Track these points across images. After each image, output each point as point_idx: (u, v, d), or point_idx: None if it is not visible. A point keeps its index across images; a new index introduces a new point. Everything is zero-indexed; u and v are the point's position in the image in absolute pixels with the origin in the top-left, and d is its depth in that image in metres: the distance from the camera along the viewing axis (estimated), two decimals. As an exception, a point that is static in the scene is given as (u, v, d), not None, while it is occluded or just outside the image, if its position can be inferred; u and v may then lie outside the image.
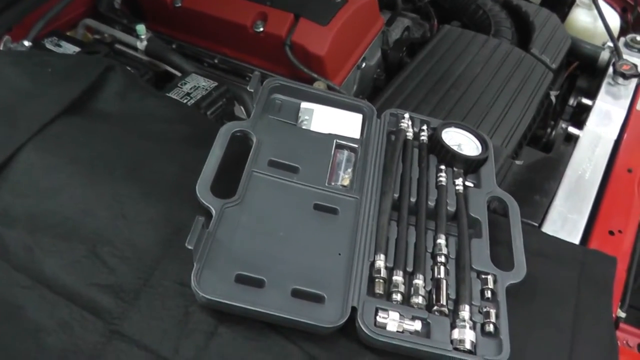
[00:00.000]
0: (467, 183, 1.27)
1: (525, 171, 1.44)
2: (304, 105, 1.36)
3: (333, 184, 1.21)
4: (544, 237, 1.30)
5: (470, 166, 1.28)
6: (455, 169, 1.28)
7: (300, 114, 1.34)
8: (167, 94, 1.53)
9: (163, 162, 1.23)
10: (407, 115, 1.35)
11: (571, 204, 1.43)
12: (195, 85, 1.55)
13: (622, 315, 1.29)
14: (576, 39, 1.93)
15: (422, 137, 1.32)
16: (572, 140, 1.63)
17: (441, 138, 1.30)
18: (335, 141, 1.29)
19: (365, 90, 1.86)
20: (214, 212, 1.06)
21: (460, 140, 1.34)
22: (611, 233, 1.40)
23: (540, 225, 1.33)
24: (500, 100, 1.58)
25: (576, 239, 1.37)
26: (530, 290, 1.15)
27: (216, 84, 1.56)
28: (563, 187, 1.45)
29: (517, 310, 1.07)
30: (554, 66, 1.77)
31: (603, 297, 1.22)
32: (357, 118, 1.36)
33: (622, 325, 1.27)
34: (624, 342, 1.26)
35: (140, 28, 1.68)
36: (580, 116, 1.73)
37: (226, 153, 1.16)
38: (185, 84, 1.56)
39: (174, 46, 1.90)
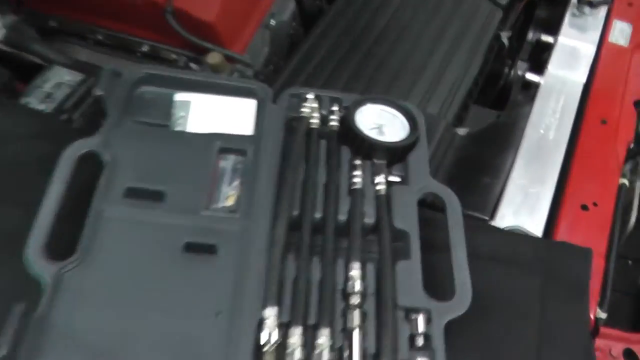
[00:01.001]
0: (391, 178, 0.98)
1: (472, 142, 1.15)
2: (179, 97, 1.05)
3: (213, 207, 0.92)
4: (498, 235, 1.02)
5: (395, 155, 0.99)
6: (375, 161, 0.99)
7: (173, 110, 1.03)
8: (26, 98, 1.22)
9: (5, 204, 0.99)
10: (311, 95, 1.04)
11: (533, 173, 1.15)
12: (59, 82, 1.24)
13: (603, 316, 1.03)
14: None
15: (332, 123, 1.02)
16: (531, 88, 1.32)
17: (353, 122, 1.00)
18: (217, 144, 0.98)
19: (281, 51, 1.53)
20: (46, 282, 0.78)
21: (382, 120, 1.04)
22: (584, 207, 1.12)
23: (493, 213, 1.05)
24: (437, 56, 1.28)
25: (540, 222, 1.10)
26: (483, 308, 0.89)
27: (82, 76, 1.24)
28: (522, 152, 1.16)
29: (469, 334, 0.85)
30: (503, 2, 1.45)
31: (576, 303, 0.97)
32: (249, 106, 1.06)
33: (603, 330, 1.02)
34: (607, 351, 1.00)
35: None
36: (540, 57, 1.41)
37: (76, 185, 0.90)
38: (46, 80, 1.24)
39: (52, 23, 1.57)
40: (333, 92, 1.06)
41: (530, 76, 1.32)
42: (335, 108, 1.04)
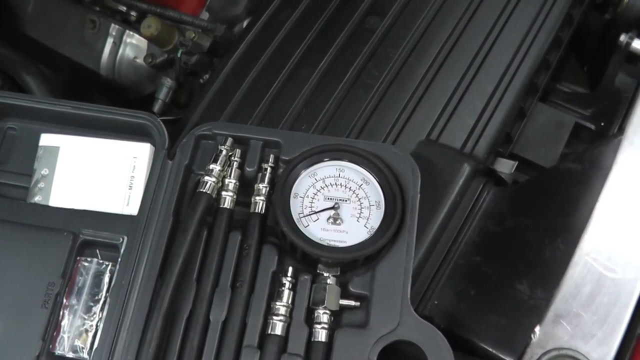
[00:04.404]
0: (343, 302, 0.58)
1: (513, 201, 0.68)
2: (46, 140, 0.70)
3: (57, 348, 0.58)
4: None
5: (351, 266, 0.59)
6: (319, 271, 0.59)
7: (36, 164, 0.68)
8: None
9: None
10: (226, 144, 0.63)
11: (610, 259, 0.67)
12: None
13: None
14: None
15: (257, 198, 0.61)
16: (638, 62, 0.81)
17: (285, 203, 0.59)
18: (79, 237, 0.63)
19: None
20: None
21: (341, 191, 0.62)
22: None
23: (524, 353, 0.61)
24: (477, 25, 0.77)
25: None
26: None
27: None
28: (604, 201, 0.67)
29: None
30: None
31: None
32: (141, 155, 0.67)
33: None
34: None
35: None
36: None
37: None
38: None
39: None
40: (268, 133, 0.64)
41: (638, 44, 0.79)
42: (267, 165, 0.63)
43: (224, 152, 0.63)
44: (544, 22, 0.78)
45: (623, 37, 0.79)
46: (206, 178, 0.61)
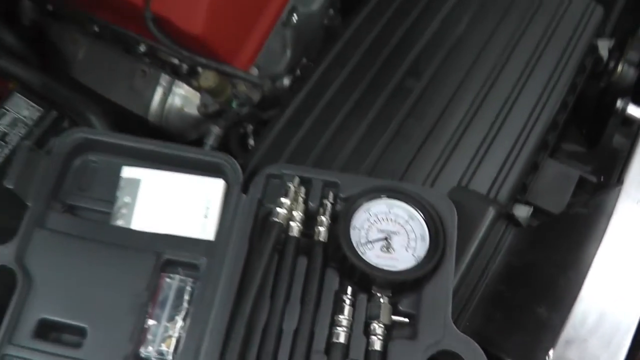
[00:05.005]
0: (395, 318, 0.68)
1: (531, 241, 0.80)
2: (127, 172, 0.80)
3: (143, 351, 0.67)
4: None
5: (402, 288, 0.70)
6: (374, 292, 0.70)
7: (118, 193, 0.78)
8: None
9: None
10: (293, 183, 0.74)
11: (614, 288, 0.79)
12: (15, 118, 1.01)
13: None
14: None
15: (320, 228, 0.72)
16: (633, 125, 0.94)
17: (346, 234, 0.70)
18: (163, 256, 0.73)
19: (311, 49, 1.20)
20: None
21: (392, 225, 0.73)
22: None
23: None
24: (499, 87, 0.90)
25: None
26: None
27: (41, 112, 1.00)
28: (608, 243, 0.79)
29: None
30: (606, -8, 1.02)
31: None
32: (216, 189, 0.78)
33: None
34: None
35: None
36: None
37: None
38: (3, 115, 1.01)
39: (49, 7, 1.33)
40: (329, 174, 0.76)
41: (633, 110, 0.93)
42: (327, 201, 0.74)
43: (293, 188, 0.74)
44: (553, 88, 0.92)
45: (619, 103, 0.93)
46: (278, 209, 0.72)
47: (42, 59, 1.25)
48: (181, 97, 1.18)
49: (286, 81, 1.13)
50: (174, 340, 0.70)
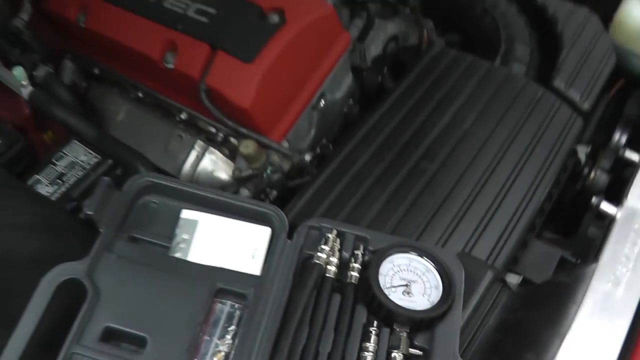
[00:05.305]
0: (412, 351, 0.82)
1: (521, 302, 0.96)
2: (186, 214, 0.93)
3: None
4: None
5: (420, 325, 0.83)
6: (395, 327, 0.83)
7: (177, 230, 0.92)
8: (37, 175, 1.14)
9: None
10: (332, 234, 0.89)
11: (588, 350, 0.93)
12: (73, 162, 1.15)
13: None
14: (624, 52, 1.35)
15: (352, 273, 0.87)
16: (605, 219, 1.12)
17: (376, 279, 0.84)
18: (217, 284, 0.86)
19: (330, 132, 1.38)
20: None
21: (411, 275, 0.88)
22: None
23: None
24: (498, 174, 1.09)
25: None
26: None
27: (98, 158, 1.15)
28: (580, 317, 0.95)
29: None
30: (585, 106, 1.24)
31: None
32: (263, 235, 0.92)
33: None
34: None
35: (18, 72, 1.27)
36: (622, 174, 1.20)
37: (56, 313, 0.82)
38: (61, 157, 1.15)
39: (96, 71, 1.49)
40: (360, 230, 0.91)
41: (606, 207, 1.11)
42: (358, 252, 0.89)
43: (331, 238, 0.89)
44: (541, 181, 1.11)
45: (594, 200, 1.12)
46: (319, 254, 0.87)
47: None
48: (212, 162, 1.33)
49: (308, 157, 1.30)
50: (223, 355, 0.81)
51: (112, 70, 1.47)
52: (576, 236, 1.15)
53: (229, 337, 0.83)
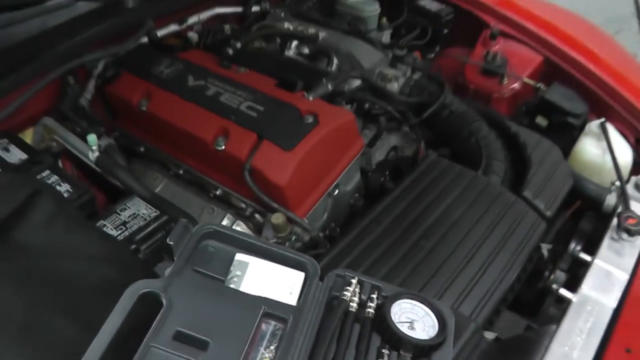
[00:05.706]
0: (414, 370, 1.06)
1: (497, 350, 1.21)
2: (239, 257, 1.18)
3: None
4: None
5: (421, 352, 1.08)
6: (401, 352, 1.08)
7: (232, 268, 1.16)
8: (103, 221, 1.38)
9: (65, 317, 1.10)
10: (355, 280, 1.15)
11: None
12: (135, 213, 1.39)
13: None
14: (580, 178, 1.71)
15: (368, 309, 1.12)
16: (564, 302, 1.40)
17: (389, 314, 1.09)
18: (263, 308, 1.10)
19: (338, 218, 1.67)
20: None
21: (414, 315, 1.13)
22: None
23: None
24: (479, 255, 1.38)
25: None
26: None
27: (157, 213, 1.40)
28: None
29: None
30: (548, 214, 1.56)
31: None
32: (298, 278, 1.17)
33: None
34: None
35: (92, 138, 1.54)
36: (577, 272, 1.50)
37: (136, 319, 1.02)
38: (125, 209, 1.40)
39: (142, 149, 1.77)
40: (375, 280, 1.17)
41: (564, 292, 1.40)
42: (374, 296, 1.14)
43: (353, 283, 1.15)
44: (512, 265, 1.40)
45: (555, 286, 1.41)
46: (344, 293, 1.12)
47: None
48: (237, 232, 1.60)
49: (321, 234, 1.58)
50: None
51: (156, 148, 1.75)
52: (539, 315, 1.42)
53: (272, 347, 1.06)
